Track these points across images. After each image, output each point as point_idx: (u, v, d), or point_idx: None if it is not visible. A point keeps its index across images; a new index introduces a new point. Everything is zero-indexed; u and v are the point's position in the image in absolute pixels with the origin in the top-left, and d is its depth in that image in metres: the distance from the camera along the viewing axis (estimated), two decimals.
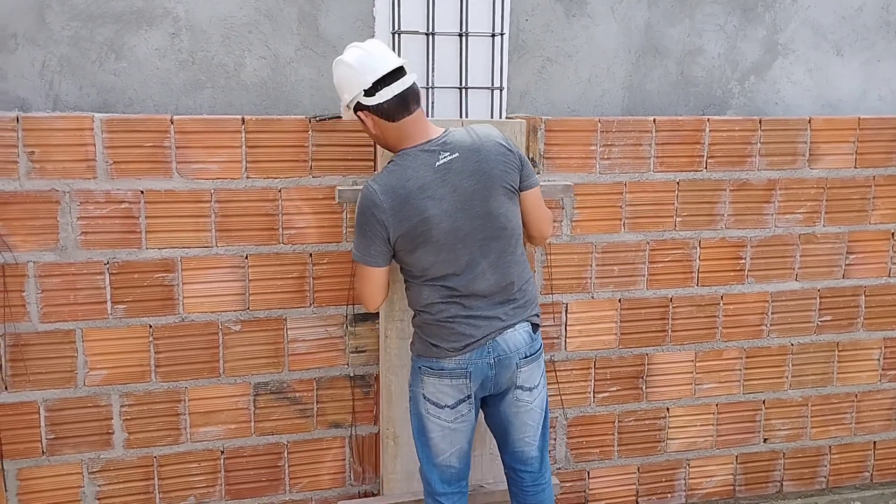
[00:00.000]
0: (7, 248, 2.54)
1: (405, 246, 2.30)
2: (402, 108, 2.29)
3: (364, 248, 2.32)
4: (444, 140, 2.32)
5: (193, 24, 2.73)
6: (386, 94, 2.27)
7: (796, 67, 3.34)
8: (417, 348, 2.45)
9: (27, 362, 2.61)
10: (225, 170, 2.69)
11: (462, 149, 2.31)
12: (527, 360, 2.43)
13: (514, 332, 2.40)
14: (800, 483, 3.48)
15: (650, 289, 3.16)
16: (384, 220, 2.27)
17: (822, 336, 3.38)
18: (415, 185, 2.26)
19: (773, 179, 3.21)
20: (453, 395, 2.39)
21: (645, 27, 3.16)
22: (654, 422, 3.26)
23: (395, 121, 2.30)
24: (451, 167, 2.29)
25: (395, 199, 2.26)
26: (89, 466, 2.71)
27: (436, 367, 2.38)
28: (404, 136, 2.32)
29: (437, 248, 2.29)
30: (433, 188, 2.27)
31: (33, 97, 2.64)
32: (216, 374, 2.78)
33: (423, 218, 2.26)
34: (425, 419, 2.45)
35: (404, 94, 2.28)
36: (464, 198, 2.29)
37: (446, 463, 2.47)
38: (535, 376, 2.48)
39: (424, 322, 2.40)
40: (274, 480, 2.90)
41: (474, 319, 2.36)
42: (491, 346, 2.37)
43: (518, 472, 2.57)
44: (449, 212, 2.28)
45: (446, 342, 2.36)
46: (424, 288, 2.37)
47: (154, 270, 2.68)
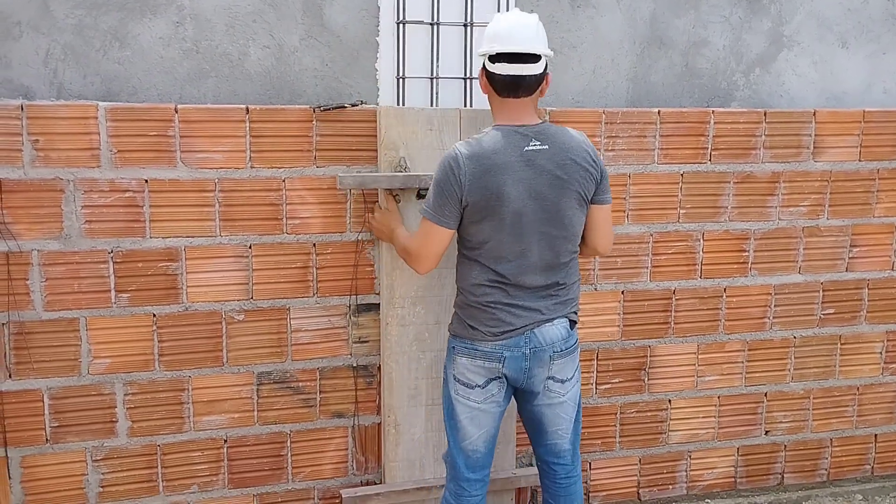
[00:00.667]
0: (11, 236, 2.54)
1: (473, 215, 2.34)
2: (510, 88, 2.36)
3: (438, 208, 2.35)
4: (538, 129, 2.37)
5: (198, 13, 2.73)
6: (503, 69, 2.33)
7: (801, 60, 3.33)
8: (454, 328, 2.49)
9: (31, 350, 2.61)
10: (229, 159, 2.69)
11: (552, 143, 2.36)
12: (561, 353, 2.46)
13: (551, 326, 2.44)
14: (801, 475, 3.49)
15: (653, 281, 3.16)
16: (463, 183, 2.30)
17: (825, 329, 3.38)
18: (499, 159, 2.31)
19: (777, 172, 3.21)
20: (484, 374, 2.43)
21: (650, 18, 3.15)
22: (656, 413, 3.27)
23: (500, 95, 2.39)
24: (538, 156, 2.34)
25: (478, 166, 2.30)
26: (93, 454, 2.72)
27: (470, 347, 2.43)
28: (503, 112, 2.40)
29: (500, 226, 2.33)
30: (515, 169, 2.31)
31: (37, 85, 2.64)
32: (219, 364, 2.79)
33: (497, 192, 2.30)
34: (454, 401, 2.48)
35: (518, 80, 2.34)
36: (539, 188, 2.34)
37: (473, 447, 2.50)
38: (569, 370, 2.51)
39: (467, 303, 2.43)
40: (276, 469, 2.91)
41: (516, 309, 2.39)
42: (528, 337, 2.41)
43: (551, 465, 2.61)
44: (521, 196, 2.32)
45: (485, 326, 2.40)
46: (475, 267, 2.40)
47: (158, 259, 2.68)
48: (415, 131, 2.77)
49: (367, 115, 2.78)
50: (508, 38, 2.34)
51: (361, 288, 2.87)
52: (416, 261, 2.44)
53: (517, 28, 2.36)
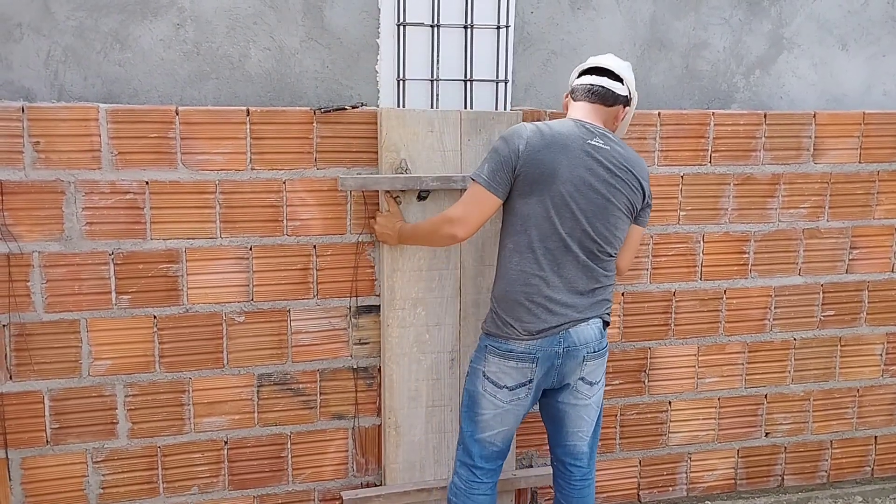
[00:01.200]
0: (12, 237, 2.54)
1: (523, 186, 2.39)
2: (586, 94, 2.51)
3: (491, 173, 2.39)
4: (604, 132, 2.46)
5: (198, 15, 2.73)
6: (585, 80, 2.52)
7: (801, 62, 3.33)
8: (488, 326, 2.51)
9: (32, 352, 2.61)
10: (229, 161, 2.69)
11: (614, 148, 2.44)
12: (594, 354, 2.49)
13: (586, 326, 2.46)
14: (801, 477, 3.49)
15: (653, 282, 3.16)
16: (520, 152, 2.36)
17: (825, 331, 3.38)
18: (561, 141, 2.39)
19: (778, 174, 3.21)
20: (515, 377, 2.45)
21: (650, 20, 3.15)
22: (656, 415, 3.27)
23: (576, 101, 2.53)
24: (598, 153, 2.41)
25: (540, 141, 2.38)
26: (93, 456, 2.72)
27: (503, 347, 2.44)
28: (576, 112, 2.52)
29: (548, 203, 2.38)
30: (573, 155, 2.38)
31: (38, 87, 2.64)
32: (220, 365, 2.79)
33: (552, 169, 2.36)
34: (480, 396, 2.50)
35: (595, 87, 2.50)
36: (591, 182, 2.39)
37: (490, 440, 2.52)
38: (599, 372, 2.54)
39: (506, 293, 2.44)
40: (277, 471, 2.91)
41: (553, 304, 2.41)
42: (563, 336, 2.43)
43: (567, 466, 2.62)
44: (574, 181, 2.38)
45: (521, 323, 2.41)
46: (515, 254, 2.43)
47: (158, 261, 2.68)
48: (416, 133, 2.78)
49: (367, 117, 2.78)
50: (595, 61, 2.54)
51: (362, 290, 2.87)
52: (456, 224, 2.42)
53: (610, 58, 2.55)
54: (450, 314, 2.89)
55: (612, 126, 2.54)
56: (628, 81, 2.53)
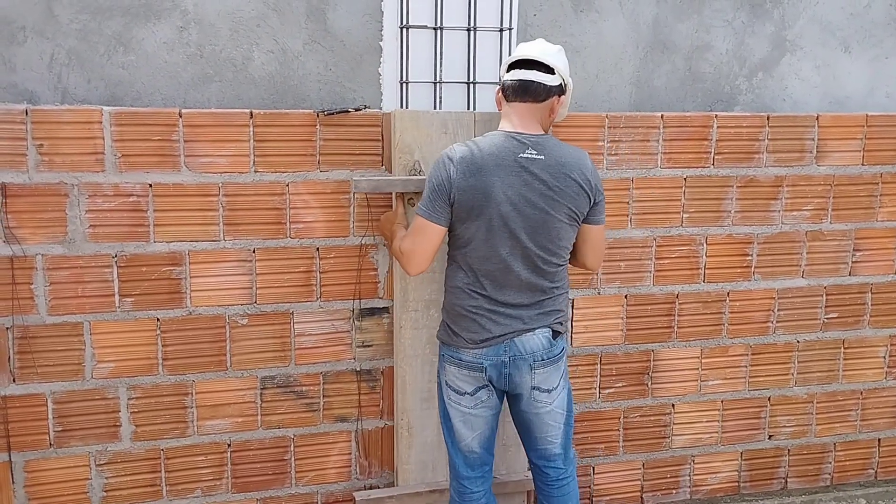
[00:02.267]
0: (16, 240, 2.54)
1: (460, 212, 2.37)
2: (518, 92, 2.42)
3: (429, 204, 2.38)
4: (537, 139, 2.40)
5: (202, 18, 2.73)
6: (514, 75, 2.43)
7: (804, 64, 3.33)
8: (441, 335, 2.55)
9: (35, 355, 2.61)
10: (233, 163, 2.69)
11: (549, 155, 2.38)
12: (542, 363, 2.47)
13: (532, 336, 2.45)
14: (804, 480, 3.48)
15: (656, 285, 3.16)
16: (452, 179, 2.34)
17: (828, 333, 3.38)
18: (492, 161, 2.34)
19: (781, 176, 3.21)
20: (472, 383, 2.47)
21: (653, 22, 3.15)
22: (660, 418, 3.26)
23: (509, 101, 2.45)
24: (532, 165, 2.36)
25: (470, 164, 2.34)
26: (97, 459, 2.72)
27: (456, 356, 2.48)
28: (508, 118, 2.45)
29: (486, 227, 2.36)
30: (506, 174, 2.34)
31: (42, 90, 2.65)
32: (223, 368, 2.79)
33: (485, 191, 2.33)
34: (447, 405, 2.54)
35: (526, 83, 2.41)
36: (528, 197, 2.35)
37: (468, 448, 2.54)
38: (553, 379, 2.52)
39: (451, 306, 2.47)
40: (280, 474, 2.91)
41: (497, 316, 2.42)
42: (507, 346, 2.43)
43: (542, 468, 2.63)
44: (510, 200, 2.34)
45: (466, 332, 2.43)
46: (460, 270, 2.44)
47: (162, 264, 2.68)
48: (429, 135, 2.78)
49: (370, 120, 2.78)
50: (525, 52, 2.46)
51: (365, 292, 2.87)
52: (407, 259, 2.44)
53: (538, 45, 2.48)
54: None
55: (548, 120, 2.48)
56: (560, 70, 2.43)
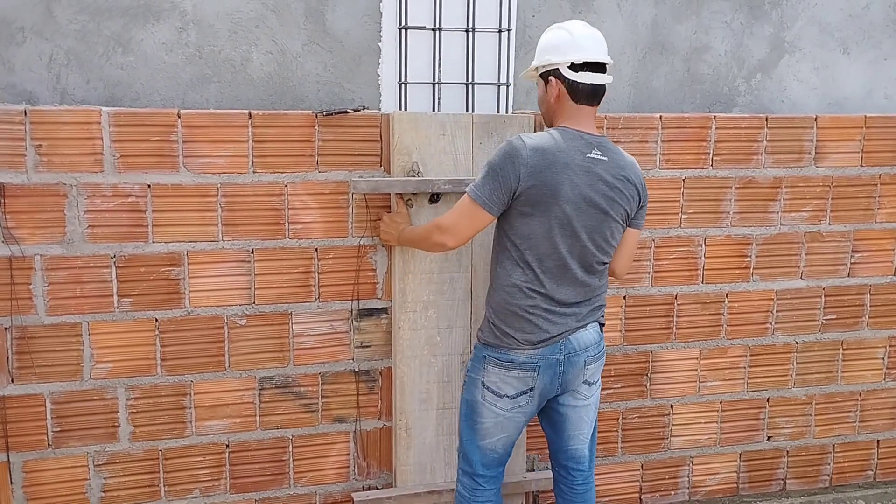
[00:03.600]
0: (14, 240, 2.55)
1: (524, 206, 2.33)
2: (590, 96, 2.38)
3: (487, 191, 2.32)
4: (600, 141, 2.39)
5: (201, 19, 2.74)
6: (587, 77, 2.35)
7: (803, 65, 3.33)
8: (486, 336, 2.47)
9: (33, 355, 2.61)
10: (231, 164, 2.70)
11: (611, 156, 2.38)
12: (594, 357, 2.49)
13: (585, 332, 2.46)
14: (803, 481, 3.48)
15: (655, 286, 3.16)
16: (520, 172, 2.28)
17: (827, 334, 3.38)
18: (563, 158, 2.31)
19: (779, 177, 3.21)
20: (516, 386, 2.43)
21: (651, 24, 3.15)
22: (659, 419, 3.26)
23: (578, 103, 2.38)
24: (596, 165, 2.35)
25: (540, 159, 2.29)
26: (95, 459, 2.72)
27: (504, 358, 2.42)
28: (573, 117, 2.39)
29: (549, 222, 2.33)
30: (575, 171, 2.32)
31: (41, 90, 2.65)
32: (222, 368, 2.79)
33: (554, 188, 2.30)
34: (480, 405, 2.48)
35: (598, 88, 2.38)
36: (593, 196, 2.34)
37: (491, 447, 2.51)
38: (598, 373, 2.55)
39: (504, 305, 2.41)
40: (278, 474, 2.91)
41: (553, 315, 2.40)
42: (563, 344, 2.42)
43: (570, 471, 2.61)
44: (576, 199, 2.32)
45: (520, 333, 2.39)
46: (516, 268, 2.39)
47: (160, 264, 2.68)
48: (428, 136, 2.78)
49: (369, 121, 2.79)
50: (592, 50, 2.37)
51: (363, 293, 2.87)
52: (447, 233, 2.39)
53: (596, 40, 2.40)
54: (461, 317, 2.89)
55: None
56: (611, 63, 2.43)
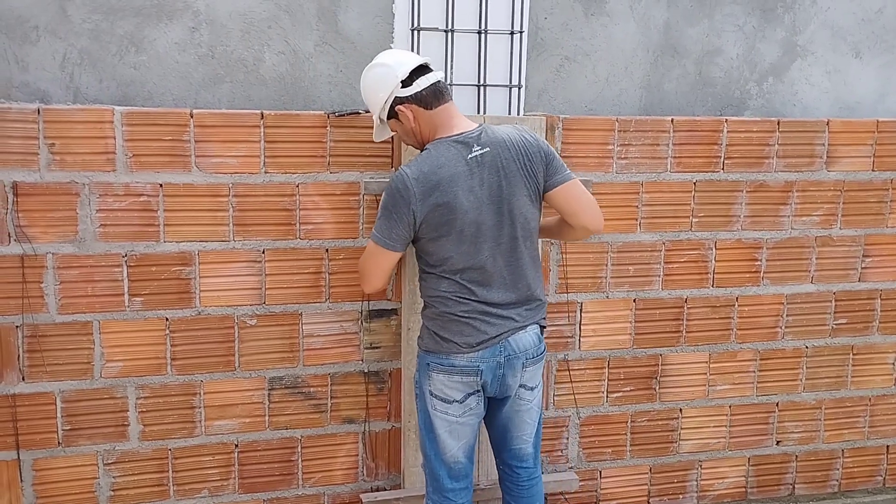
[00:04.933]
0: (26, 239, 2.55)
1: (428, 233, 2.31)
2: (437, 96, 2.34)
3: (386, 231, 2.32)
4: (477, 134, 2.34)
5: (213, 19, 2.74)
6: (422, 82, 2.33)
7: (815, 69, 3.32)
8: (426, 343, 2.44)
9: (44, 353, 2.62)
10: (243, 164, 2.70)
11: (493, 144, 2.33)
12: (533, 360, 2.46)
13: (524, 334, 2.42)
14: (812, 486, 3.47)
15: (665, 289, 3.15)
16: (412, 206, 2.27)
17: (837, 339, 3.37)
18: (446, 173, 2.27)
19: (790, 181, 3.20)
20: (462, 389, 2.40)
21: (664, 27, 3.15)
22: (667, 422, 3.26)
23: (431, 108, 2.34)
24: (482, 161, 2.31)
25: (426, 185, 2.26)
26: (104, 458, 2.72)
27: (445, 363, 2.38)
28: (439, 125, 2.35)
29: (459, 239, 2.30)
30: (463, 179, 2.28)
31: (54, 89, 2.66)
32: (231, 368, 2.79)
33: (450, 206, 2.27)
34: (432, 416, 2.44)
35: (438, 85, 2.35)
36: (490, 192, 2.31)
37: (454, 459, 2.48)
38: (537, 377, 2.52)
39: (439, 314, 2.39)
40: (287, 475, 2.91)
41: (490, 317, 2.36)
42: (502, 346, 2.39)
43: (514, 469, 2.60)
44: (475, 204, 2.29)
45: (460, 337, 2.36)
46: (443, 280, 2.37)
47: (171, 263, 2.68)
48: None
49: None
50: (403, 59, 2.36)
51: (373, 294, 2.87)
52: (363, 279, 2.45)
53: (401, 53, 2.44)
54: None
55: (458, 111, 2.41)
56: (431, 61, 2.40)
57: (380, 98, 2.37)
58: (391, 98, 2.35)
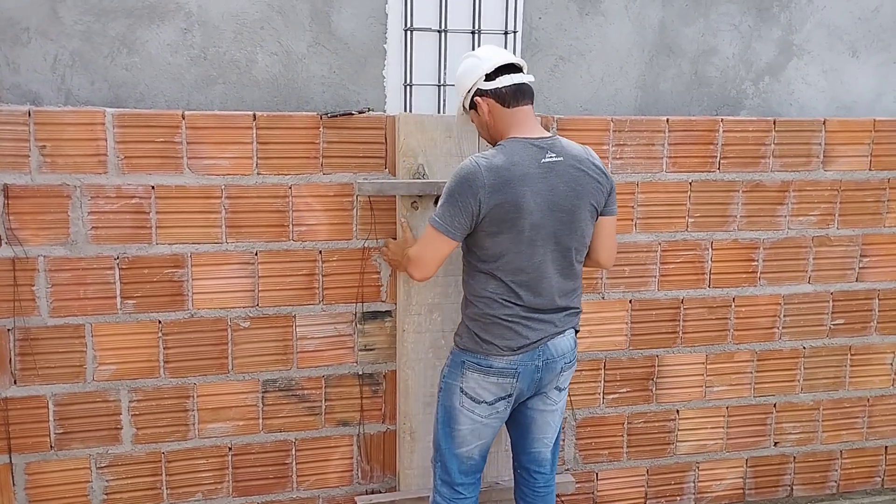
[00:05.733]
0: (18, 241, 2.54)
1: (490, 227, 2.31)
2: (518, 96, 2.38)
3: (449, 218, 2.31)
4: (552, 142, 2.38)
5: (206, 20, 2.73)
6: (505, 80, 2.36)
7: (811, 68, 3.31)
8: (465, 342, 2.44)
9: (36, 356, 2.61)
10: (236, 166, 2.69)
11: (566, 155, 2.37)
12: (569, 364, 2.50)
13: (563, 338, 2.46)
14: (810, 487, 3.46)
15: (661, 290, 3.14)
16: (480, 196, 2.27)
17: (835, 339, 3.35)
18: (519, 171, 2.29)
19: (787, 181, 3.19)
20: (495, 392, 2.42)
21: (659, 26, 3.13)
22: (664, 424, 3.24)
23: (510, 107, 2.38)
24: (554, 168, 2.34)
25: (498, 178, 2.27)
26: (97, 461, 2.71)
27: (483, 363, 2.40)
28: (515, 124, 2.38)
29: (518, 238, 2.32)
30: (534, 181, 2.30)
31: (45, 91, 2.64)
32: (225, 371, 2.78)
33: (517, 204, 2.29)
34: (457, 411, 2.45)
35: (521, 86, 2.38)
36: (556, 200, 2.33)
37: (468, 454, 2.50)
38: (569, 379, 2.55)
39: (482, 315, 2.39)
40: (281, 478, 2.89)
41: (532, 322, 2.39)
42: (542, 350, 2.41)
43: (532, 473, 2.61)
44: (541, 207, 2.31)
45: (501, 340, 2.37)
46: (492, 280, 2.37)
47: (164, 266, 2.67)
48: (434, 138, 2.76)
49: (374, 123, 2.77)
50: (494, 55, 2.41)
51: (367, 295, 2.86)
52: (415, 266, 2.40)
53: (499, 50, 2.45)
54: None
55: None
56: (526, 67, 2.45)
57: (464, 87, 2.45)
58: (474, 89, 2.41)
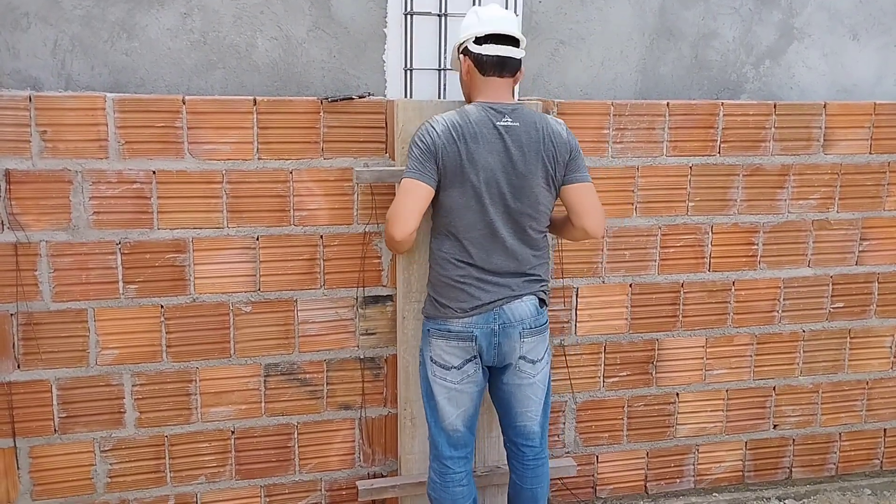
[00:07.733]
0: (20, 227, 2.55)
1: (443, 180, 2.40)
2: (497, 68, 2.45)
3: (419, 166, 2.39)
4: (512, 108, 2.45)
5: (205, 4, 2.72)
6: (490, 49, 2.43)
7: (812, 52, 3.30)
8: (427, 310, 2.56)
9: (39, 341, 2.62)
10: (236, 151, 2.69)
11: (525, 122, 2.44)
12: (531, 331, 2.51)
13: (520, 303, 2.49)
14: (809, 470, 3.48)
15: (661, 274, 3.14)
16: (438, 146, 2.37)
17: (834, 323, 3.36)
18: (471, 129, 2.39)
19: (787, 165, 3.19)
20: (460, 355, 2.48)
21: (659, 10, 3.13)
22: (664, 407, 3.26)
23: (485, 75, 2.46)
24: (509, 132, 2.41)
25: (453, 133, 2.38)
26: (101, 445, 2.73)
27: (443, 328, 2.48)
28: (485, 91, 2.47)
29: (469, 192, 2.40)
30: (487, 141, 2.40)
31: (45, 76, 2.64)
32: (227, 355, 2.79)
33: (469, 158, 2.38)
34: (432, 382, 2.54)
35: (504, 60, 2.45)
36: (509, 163, 2.41)
37: (452, 427, 2.54)
38: (540, 350, 2.55)
39: (437, 277, 2.50)
40: (284, 461, 2.91)
41: (485, 284, 2.46)
42: (497, 313, 2.46)
43: (519, 447, 2.64)
44: (492, 167, 2.40)
45: (454, 302, 2.46)
46: (445, 241, 2.48)
47: (165, 251, 2.68)
48: None
49: (374, 107, 2.77)
50: (496, 23, 2.45)
51: (369, 280, 2.87)
52: (393, 223, 2.40)
53: (502, 16, 2.49)
54: None
55: (512, 89, 2.53)
56: (522, 41, 2.49)
57: (460, 37, 2.53)
58: (462, 46, 2.49)
